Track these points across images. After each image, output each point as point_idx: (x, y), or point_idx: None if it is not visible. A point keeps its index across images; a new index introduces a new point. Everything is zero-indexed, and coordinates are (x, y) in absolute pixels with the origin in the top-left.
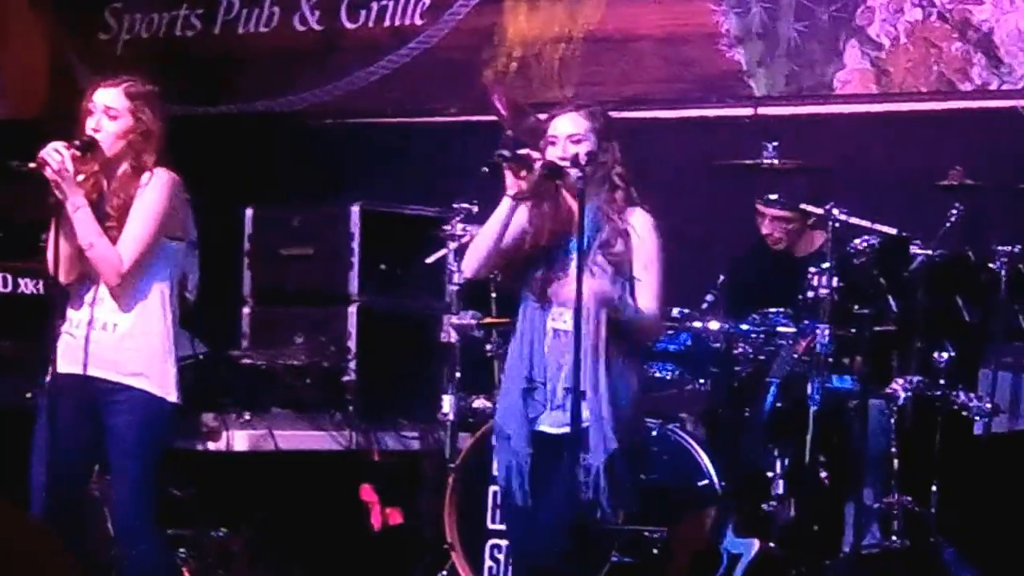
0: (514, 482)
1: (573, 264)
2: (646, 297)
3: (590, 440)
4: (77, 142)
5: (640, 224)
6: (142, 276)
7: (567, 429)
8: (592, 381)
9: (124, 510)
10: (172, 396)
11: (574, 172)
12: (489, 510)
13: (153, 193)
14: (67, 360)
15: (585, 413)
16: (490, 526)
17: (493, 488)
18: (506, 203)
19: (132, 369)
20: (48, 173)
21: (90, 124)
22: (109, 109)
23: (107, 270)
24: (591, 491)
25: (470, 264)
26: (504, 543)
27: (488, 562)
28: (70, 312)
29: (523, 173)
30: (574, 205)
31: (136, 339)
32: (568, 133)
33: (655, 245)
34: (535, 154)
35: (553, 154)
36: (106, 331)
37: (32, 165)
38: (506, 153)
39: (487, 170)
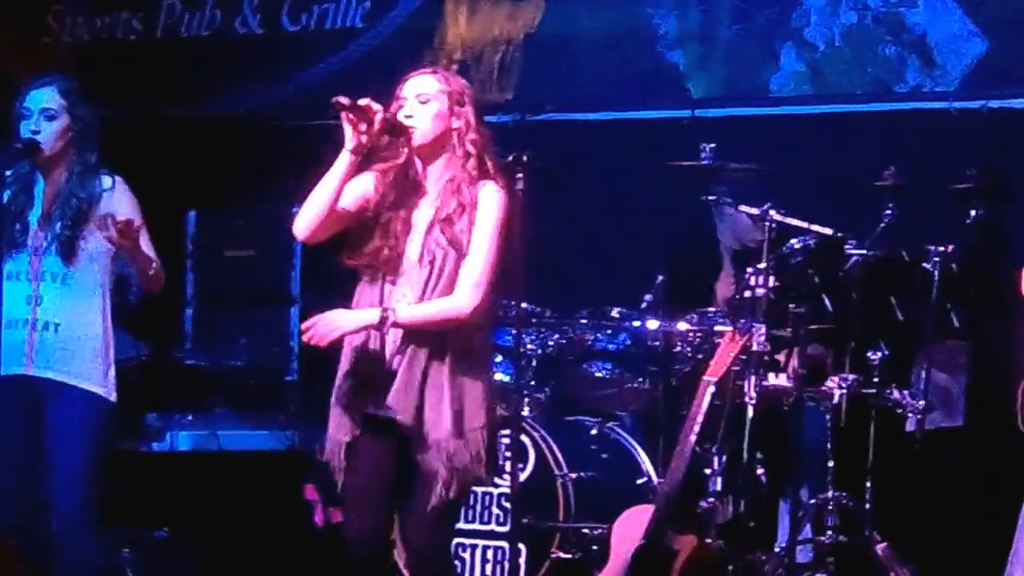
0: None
1: (414, 239)
2: (463, 277)
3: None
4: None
5: (487, 197)
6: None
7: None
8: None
9: (64, 509)
10: (112, 396)
11: (415, 132)
12: None
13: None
14: (9, 361)
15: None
16: None
17: None
18: (344, 157)
19: (72, 369)
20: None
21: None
22: (46, 110)
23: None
24: None
25: (301, 225)
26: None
27: None
28: (9, 312)
29: (363, 127)
30: (423, 173)
31: (77, 339)
32: (416, 92)
33: (494, 221)
34: (376, 106)
35: (400, 114)
36: (48, 331)
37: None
38: (344, 101)
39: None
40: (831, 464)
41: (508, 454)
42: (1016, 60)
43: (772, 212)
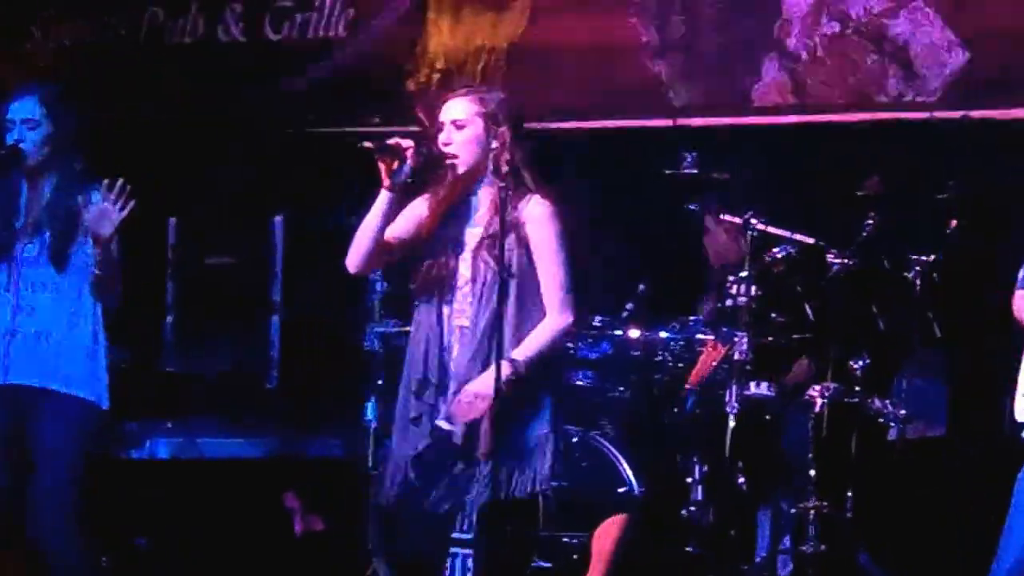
0: (395, 482)
1: (465, 258)
2: (551, 295)
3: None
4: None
5: (535, 214)
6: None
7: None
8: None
9: (47, 514)
10: (104, 403)
11: (456, 159)
12: None
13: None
14: None
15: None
16: None
17: None
18: (383, 196)
19: (65, 377)
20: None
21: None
22: (28, 120)
23: None
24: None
25: (352, 260)
26: None
27: None
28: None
29: (395, 164)
30: (468, 193)
31: (70, 347)
32: (452, 118)
33: (552, 234)
34: (405, 142)
35: (440, 140)
36: (40, 341)
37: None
38: (369, 145)
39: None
40: (813, 473)
41: None
42: (997, 71)
43: (754, 221)
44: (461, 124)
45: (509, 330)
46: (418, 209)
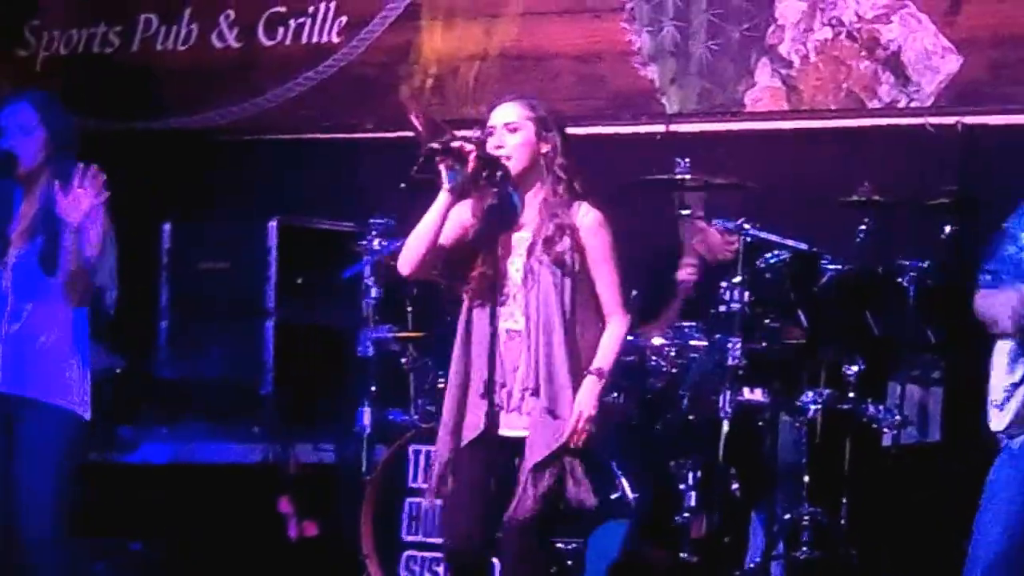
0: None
1: (515, 262)
2: (611, 299)
3: (534, 442)
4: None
5: (587, 220)
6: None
7: (525, 432)
8: (544, 382)
9: (33, 524)
10: (86, 413)
11: (509, 162)
12: (405, 522)
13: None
14: None
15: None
16: (406, 538)
17: (409, 500)
18: (443, 197)
19: (47, 386)
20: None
21: None
22: (22, 126)
23: None
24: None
25: (406, 262)
26: (420, 554)
27: (403, 573)
28: None
29: (458, 167)
30: (520, 199)
31: (51, 354)
32: (505, 122)
33: (605, 241)
34: (468, 146)
35: (491, 144)
36: (27, 346)
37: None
38: (437, 146)
39: (404, 186)
40: (806, 479)
41: None
42: (990, 76)
43: (747, 227)
44: (514, 127)
45: (561, 332)
46: (461, 211)
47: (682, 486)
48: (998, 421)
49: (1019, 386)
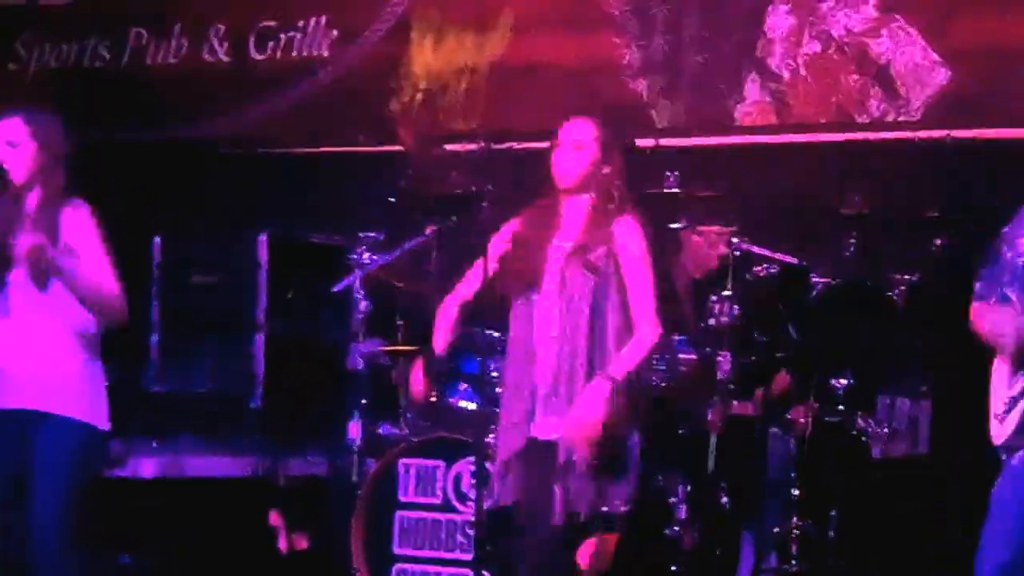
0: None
1: (552, 268)
2: (644, 308)
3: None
4: None
5: (627, 230)
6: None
7: (556, 435)
8: (571, 385)
9: (45, 536)
10: (103, 424)
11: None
12: (395, 535)
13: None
14: None
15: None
16: (396, 551)
17: (399, 513)
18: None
19: (62, 398)
20: None
21: None
22: (12, 141)
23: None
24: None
25: (438, 343)
26: (409, 567)
27: None
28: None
29: None
30: (563, 205)
31: (65, 367)
32: (573, 139)
33: (644, 251)
34: None
35: (557, 157)
36: (36, 361)
37: None
38: None
39: (394, 200)
40: (795, 492)
41: (473, 481)
42: (979, 90)
43: (736, 240)
44: (580, 145)
45: (590, 338)
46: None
47: (672, 499)
48: (999, 433)
49: (1019, 400)
